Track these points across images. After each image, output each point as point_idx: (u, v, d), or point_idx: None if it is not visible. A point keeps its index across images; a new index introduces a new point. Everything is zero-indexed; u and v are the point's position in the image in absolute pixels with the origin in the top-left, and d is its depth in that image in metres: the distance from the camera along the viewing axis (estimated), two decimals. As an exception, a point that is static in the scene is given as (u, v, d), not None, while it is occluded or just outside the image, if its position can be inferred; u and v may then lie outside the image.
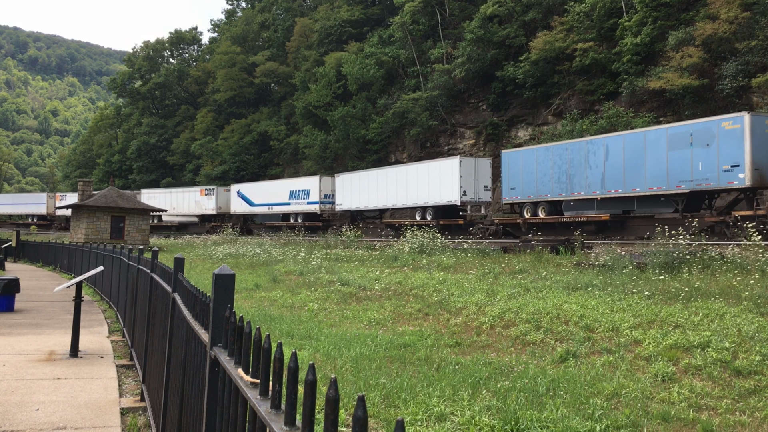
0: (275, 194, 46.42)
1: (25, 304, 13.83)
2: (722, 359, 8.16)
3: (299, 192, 44.31)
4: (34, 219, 72.03)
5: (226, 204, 51.89)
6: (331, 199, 42.54)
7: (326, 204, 42.64)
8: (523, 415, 6.22)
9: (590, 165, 26.18)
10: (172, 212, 54.88)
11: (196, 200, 53.59)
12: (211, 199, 52.33)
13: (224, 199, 51.93)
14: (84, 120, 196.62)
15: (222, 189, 52.44)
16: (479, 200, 32.92)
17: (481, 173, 32.90)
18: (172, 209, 54.57)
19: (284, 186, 46.24)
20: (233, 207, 51.00)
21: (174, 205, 55.16)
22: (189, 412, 3.37)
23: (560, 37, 35.39)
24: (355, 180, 40.37)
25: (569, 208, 27.52)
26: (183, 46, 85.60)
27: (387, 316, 12.64)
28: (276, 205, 46.53)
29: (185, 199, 54.83)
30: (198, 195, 53.56)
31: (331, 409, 1.34)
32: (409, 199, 35.56)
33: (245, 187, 50.35)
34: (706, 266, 14.39)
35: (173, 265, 4.56)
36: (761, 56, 26.52)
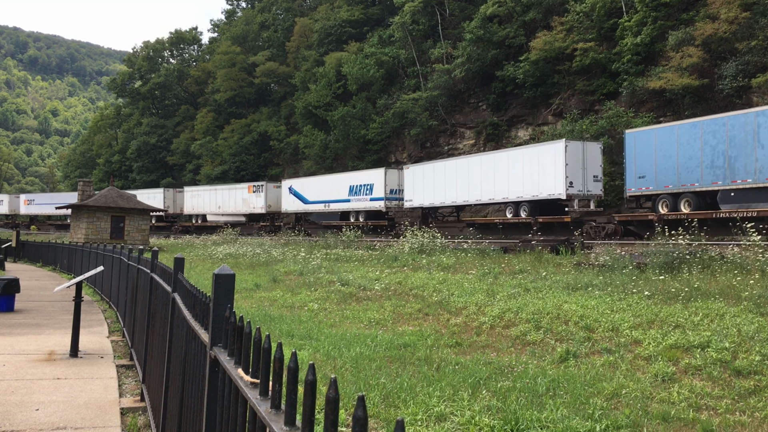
0: (332, 190, 41.13)
1: (25, 304, 13.83)
2: (722, 359, 8.17)
3: (360, 187, 38.74)
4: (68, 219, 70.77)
5: (276, 202, 47.13)
6: (398, 194, 37.29)
7: (392, 200, 37.26)
8: (523, 415, 6.22)
9: (761, 143, 20.91)
10: (217, 212, 51.18)
11: (244, 198, 48.81)
12: (259, 196, 47.53)
13: (274, 196, 47.29)
14: (84, 120, 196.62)
15: (272, 185, 47.89)
16: (588, 193, 27.29)
17: (589, 160, 27.29)
18: (217, 208, 50.92)
19: (343, 180, 40.62)
20: (284, 205, 45.99)
21: (219, 203, 50.97)
22: (189, 412, 3.37)
23: (560, 37, 35.39)
24: (428, 172, 34.71)
25: (728, 200, 22.10)
26: (183, 46, 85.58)
27: (387, 316, 12.64)
28: (333, 203, 41.26)
29: (231, 197, 50.10)
30: (245, 192, 48.80)
31: (331, 409, 1.34)
32: (497, 192, 30.07)
33: (298, 183, 45.28)
34: (706, 266, 14.39)
35: (173, 265, 4.56)
36: (761, 56, 26.52)
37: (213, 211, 50.78)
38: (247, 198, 48.60)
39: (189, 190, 55.61)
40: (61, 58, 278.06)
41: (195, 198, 53.74)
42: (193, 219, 54.76)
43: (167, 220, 58.01)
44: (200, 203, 53.13)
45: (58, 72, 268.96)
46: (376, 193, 37.68)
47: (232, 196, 50.07)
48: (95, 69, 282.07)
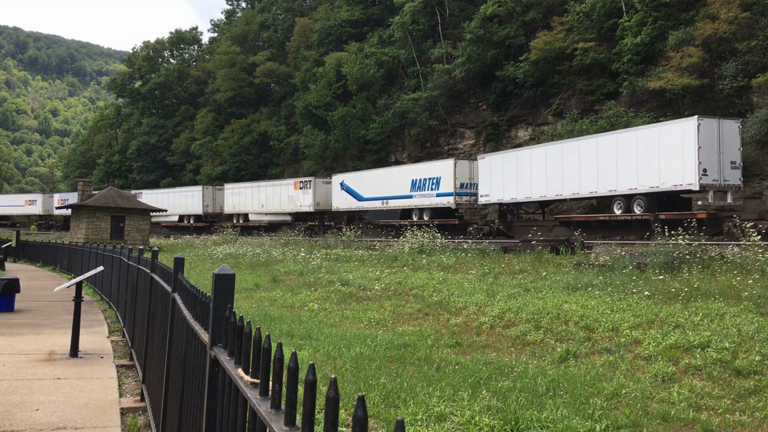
0: (392, 185, 36.64)
1: (25, 304, 13.83)
2: (722, 359, 8.16)
3: (425, 181, 34.36)
4: None
5: (326, 199, 43.11)
6: (470, 189, 32.72)
7: (464, 196, 32.71)
8: (523, 415, 6.22)
9: None
10: (259, 210, 47.51)
11: (289, 195, 44.79)
12: (307, 193, 43.53)
13: (323, 192, 43.31)
14: (84, 120, 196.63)
15: (320, 181, 43.85)
16: (724, 183, 22.56)
17: (726, 143, 22.65)
18: (260, 207, 47.08)
19: (404, 174, 36.22)
20: (335, 202, 41.65)
21: (263, 201, 47.05)
22: (189, 412, 3.37)
23: (560, 37, 35.40)
24: (509, 162, 30.02)
25: None
26: (183, 46, 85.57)
27: (387, 316, 12.64)
28: (393, 199, 36.68)
29: (276, 194, 46.20)
30: (291, 189, 44.79)
31: (331, 409, 1.34)
32: (601, 184, 25.32)
33: (351, 178, 40.64)
34: (706, 266, 14.39)
35: (173, 265, 4.56)
36: (761, 56, 26.51)
37: (256, 210, 47.17)
38: (293, 195, 44.57)
39: (230, 187, 52.05)
40: (61, 58, 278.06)
41: (236, 196, 50.11)
42: (234, 218, 51.10)
43: (206, 220, 54.95)
44: (242, 202, 49.52)
45: (58, 72, 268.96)
46: (444, 187, 33.02)
47: (276, 194, 46.22)
48: (95, 69, 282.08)
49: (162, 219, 57.58)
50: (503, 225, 30.33)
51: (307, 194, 43.72)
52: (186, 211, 55.61)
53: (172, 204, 55.64)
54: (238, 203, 50.11)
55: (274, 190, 46.73)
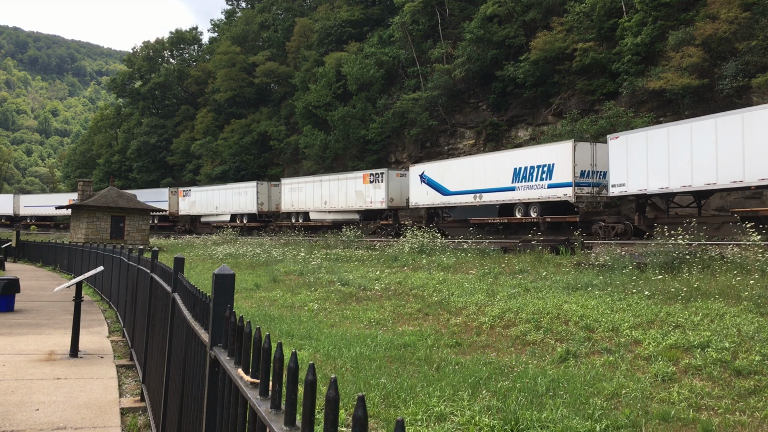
0: (487, 175, 30.68)
1: (25, 304, 13.83)
2: (722, 359, 8.16)
3: (533, 170, 28.25)
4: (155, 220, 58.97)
5: (401, 193, 37.49)
6: (592, 177, 26.61)
7: (585, 186, 26.55)
8: (523, 415, 6.22)
9: None
10: (322, 208, 42.27)
11: (357, 190, 39.36)
12: (378, 187, 37.96)
13: (398, 186, 37.68)
14: (84, 120, 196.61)
15: (395, 173, 38.32)
16: None
17: None
18: (323, 204, 42.05)
19: (503, 162, 29.92)
20: (414, 197, 35.96)
21: (326, 198, 41.92)
22: (189, 412, 3.37)
23: (560, 37, 35.41)
24: (656, 141, 23.20)
25: None
26: (183, 46, 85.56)
27: (387, 316, 12.64)
28: (488, 192, 30.66)
29: (341, 189, 40.81)
30: (359, 183, 39.28)
31: (331, 409, 1.34)
32: None
33: (434, 168, 34.86)
34: (706, 266, 14.39)
35: (173, 265, 4.56)
36: (761, 56, 26.51)
37: (317, 208, 42.47)
38: (362, 190, 39.05)
39: (287, 182, 46.71)
40: (61, 58, 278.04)
41: (295, 192, 45.03)
42: (293, 218, 46.04)
43: (261, 220, 50.17)
44: (301, 198, 44.45)
45: (58, 72, 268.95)
46: (559, 176, 26.87)
47: (342, 189, 40.81)
48: (95, 69, 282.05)
49: (212, 219, 53.84)
50: (643, 222, 24.16)
51: (378, 188, 37.98)
52: (238, 209, 50.40)
53: (223, 202, 51.85)
54: (297, 200, 44.81)
55: (339, 185, 41.10)
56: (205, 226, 55.11)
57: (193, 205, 55.56)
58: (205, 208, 54.08)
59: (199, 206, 54.78)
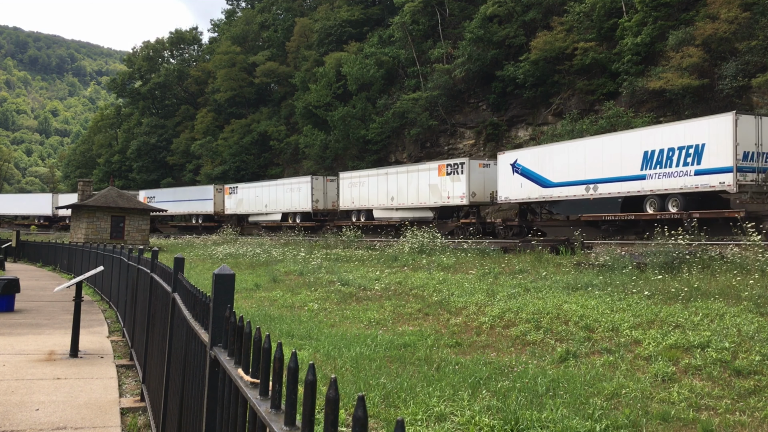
0: (604, 161, 25.27)
1: (25, 304, 13.83)
2: (722, 359, 8.16)
3: (671, 153, 22.83)
4: (199, 220, 55.21)
5: (484, 187, 32.20)
6: (759, 161, 21.18)
7: (749, 172, 20.93)
8: (523, 415, 6.22)
9: None
10: (389, 205, 37.37)
11: (431, 184, 34.33)
12: (457, 180, 32.55)
13: (479, 179, 32.26)
14: (84, 120, 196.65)
15: (477, 163, 32.79)
16: None
17: None
18: (389, 201, 37.27)
19: (629, 143, 24.47)
20: (504, 190, 30.31)
21: (393, 193, 37.02)
22: (189, 412, 3.37)
23: (560, 37, 35.42)
24: None
25: None
26: (183, 46, 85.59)
27: (387, 316, 12.64)
28: (607, 182, 25.17)
29: (411, 183, 35.74)
30: (434, 175, 34.19)
31: (331, 409, 1.34)
32: None
33: (530, 155, 29.11)
34: (705, 266, 14.39)
35: (173, 265, 4.56)
36: (761, 56, 26.52)
37: (382, 205, 37.65)
38: (437, 183, 33.88)
39: (346, 176, 41.42)
40: (61, 58, 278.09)
41: (355, 187, 39.99)
42: (353, 216, 40.79)
43: (316, 219, 44.99)
44: (363, 194, 39.35)
45: (58, 72, 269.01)
46: (712, 159, 21.37)
47: (412, 183, 35.62)
48: (95, 69, 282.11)
49: (262, 219, 49.11)
50: None
51: (457, 181, 32.66)
52: (290, 208, 45.54)
53: (273, 200, 46.95)
54: (359, 196, 39.85)
55: (409, 178, 35.94)
56: (253, 226, 50.51)
57: (240, 204, 50.60)
58: (254, 207, 49.08)
59: (247, 205, 49.79)
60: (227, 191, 52.35)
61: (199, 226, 54.39)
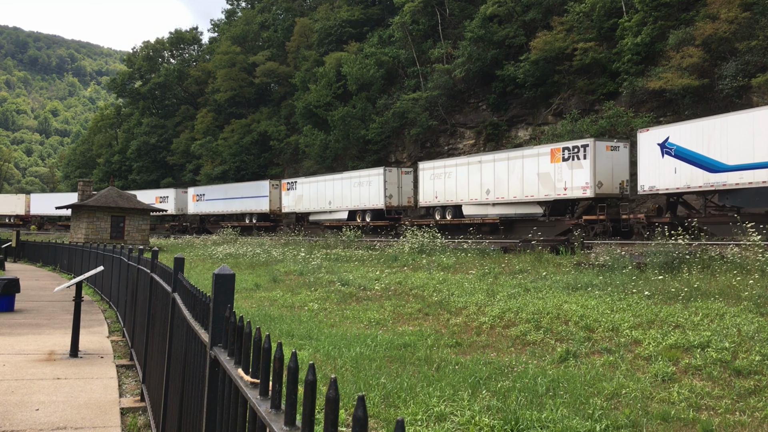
0: None
1: (25, 304, 13.82)
2: (722, 359, 8.16)
3: None
4: (253, 219, 50.59)
5: (612, 175, 25.78)
6: None
7: None
8: (523, 415, 6.22)
9: None
10: (483, 200, 31.27)
11: (542, 172, 27.83)
12: (578, 166, 26.03)
13: (608, 165, 25.73)
14: (84, 120, 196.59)
15: (604, 145, 25.85)
16: None
17: None
18: (484, 194, 30.99)
19: None
20: (646, 177, 24.42)
21: (488, 185, 30.78)
22: (189, 412, 3.37)
23: (560, 37, 35.42)
24: None
25: None
26: (183, 46, 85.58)
27: (387, 316, 12.64)
28: None
29: (514, 172, 29.25)
30: (545, 162, 27.67)
31: (331, 409, 1.34)
32: None
33: (688, 132, 22.91)
34: (705, 266, 14.39)
35: (173, 265, 4.56)
36: (761, 56, 26.52)
37: (475, 199, 31.73)
38: (550, 172, 27.56)
39: (428, 167, 35.27)
40: (61, 58, 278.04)
41: (439, 179, 34.09)
42: (436, 213, 34.85)
43: (389, 217, 38.64)
44: (449, 187, 33.37)
45: (58, 72, 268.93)
46: None
47: (515, 171, 29.31)
48: (95, 69, 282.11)
49: (325, 217, 43.50)
50: None
51: (578, 169, 26.15)
52: (359, 204, 39.52)
53: (339, 195, 41.32)
54: (444, 190, 33.81)
55: (511, 167, 29.55)
56: (314, 226, 44.72)
57: (300, 201, 45.26)
58: (315, 204, 43.61)
59: (308, 201, 44.41)
60: (284, 187, 47.31)
61: (254, 226, 49.31)
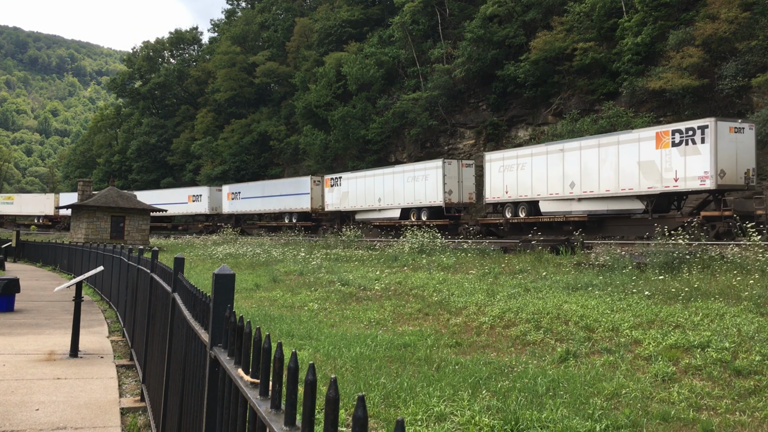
0: None
1: (25, 304, 13.82)
2: (722, 359, 8.16)
3: None
4: (293, 219, 46.83)
5: (737, 161, 21.95)
6: None
7: None
8: (523, 415, 6.22)
9: None
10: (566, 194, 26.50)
11: (643, 160, 23.66)
12: (694, 152, 21.97)
13: (732, 150, 21.82)
14: (84, 120, 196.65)
15: (727, 126, 21.92)
16: None
17: None
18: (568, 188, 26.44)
19: None
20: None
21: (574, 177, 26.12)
22: (189, 412, 3.37)
23: (560, 37, 35.42)
24: None
25: None
26: (183, 46, 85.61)
27: (387, 316, 12.64)
28: None
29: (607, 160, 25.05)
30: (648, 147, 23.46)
31: (331, 409, 1.34)
32: None
33: None
34: (706, 266, 14.39)
35: (173, 265, 4.55)
36: (761, 56, 26.52)
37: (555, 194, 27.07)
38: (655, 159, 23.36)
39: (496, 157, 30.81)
40: (61, 58, 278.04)
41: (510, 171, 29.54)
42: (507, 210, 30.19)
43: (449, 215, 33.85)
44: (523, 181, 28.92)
45: (58, 72, 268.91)
46: None
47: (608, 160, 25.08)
48: (95, 69, 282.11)
49: (374, 216, 39.38)
50: None
51: (693, 155, 22.03)
52: (413, 201, 35.53)
53: (390, 192, 37.25)
54: (516, 184, 29.13)
55: (603, 154, 25.21)
56: (361, 226, 39.88)
57: (345, 198, 41.23)
58: (363, 201, 39.51)
59: (354, 199, 40.40)
60: (328, 183, 43.22)
61: (294, 226, 44.73)
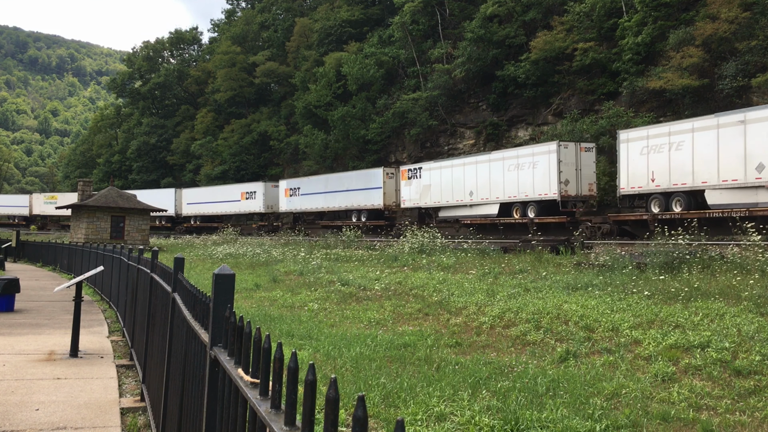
0: None
1: (25, 304, 13.82)
2: (722, 359, 8.16)
3: None
4: (361, 217, 40.41)
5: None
6: None
7: None
8: (523, 415, 6.22)
9: None
10: (742, 182, 20.36)
11: None
12: None
13: None
14: (84, 120, 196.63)
15: None
16: None
17: None
18: (753, 173, 20.13)
19: None
20: None
21: (762, 158, 19.76)
22: (189, 412, 3.37)
23: (560, 37, 35.42)
24: None
25: None
26: (183, 46, 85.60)
27: (387, 316, 12.64)
28: None
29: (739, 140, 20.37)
30: None
31: (331, 409, 1.34)
32: None
33: None
34: (706, 266, 14.39)
35: (173, 265, 4.55)
36: (761, 56, 26.52)
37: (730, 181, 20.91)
38: None
39: (635, 136, 24.39)
40: (61, 58, 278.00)
41: (659, 154, 23.23)
42: (654, 203, 23.81)
43: (565, 211, 27.50)
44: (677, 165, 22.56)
45: (58, 72, 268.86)
46: None
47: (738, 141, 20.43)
48: (95, 69, 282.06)
49: (462, 213, 33.04)
50: None
51: None
52: (516, 195, 29.14)
53: (485, 183, 30.94)
54: (667, 169, 22.97)
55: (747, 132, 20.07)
56: (447, 225, 34.93)
57: (426, 192, 35.09)
58: (448, 196, 33.45)
59: (436, 193, 34.27)
60: (404, 175, 37.07)
61: (363, 225, 38.70)
